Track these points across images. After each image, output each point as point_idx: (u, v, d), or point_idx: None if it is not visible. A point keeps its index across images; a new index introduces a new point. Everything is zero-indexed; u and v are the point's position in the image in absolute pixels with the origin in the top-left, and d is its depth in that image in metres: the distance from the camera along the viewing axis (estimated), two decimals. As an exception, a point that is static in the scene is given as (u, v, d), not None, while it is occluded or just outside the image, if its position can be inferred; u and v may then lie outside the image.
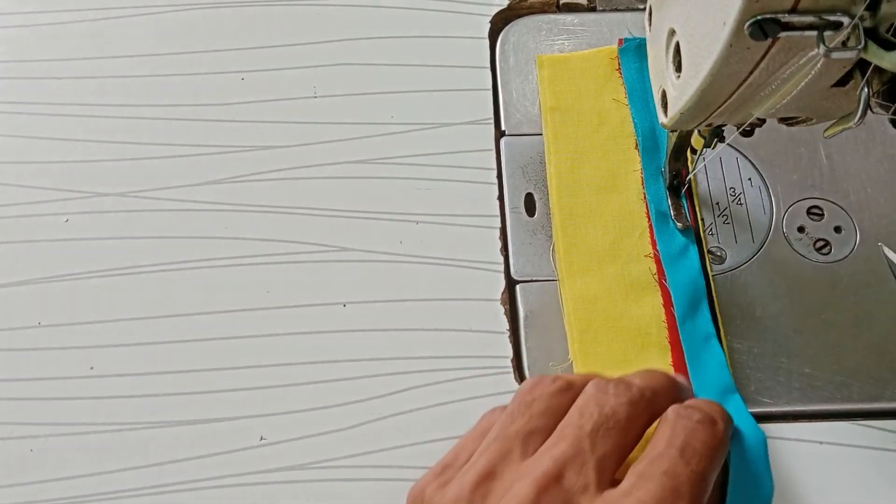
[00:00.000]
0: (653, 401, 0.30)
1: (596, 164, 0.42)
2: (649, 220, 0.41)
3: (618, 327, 0.39)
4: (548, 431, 0.29)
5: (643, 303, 0.39)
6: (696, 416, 0.29)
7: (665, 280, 0.39)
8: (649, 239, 0.41)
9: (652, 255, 0.40)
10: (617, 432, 0.28)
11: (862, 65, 0.25)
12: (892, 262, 0.40)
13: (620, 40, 0.45)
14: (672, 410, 0.30)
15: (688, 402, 0.31)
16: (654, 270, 0.40)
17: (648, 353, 0.38)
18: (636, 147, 0.43)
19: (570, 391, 0.30)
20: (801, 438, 0.37)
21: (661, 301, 0.39)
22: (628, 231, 0.41)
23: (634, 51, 0.44)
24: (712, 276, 0.40)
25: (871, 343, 0.39)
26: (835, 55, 0.23)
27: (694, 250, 0.40)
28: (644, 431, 0.30)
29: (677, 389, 0.32)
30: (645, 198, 0.41)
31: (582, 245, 0.41)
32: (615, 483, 0.27)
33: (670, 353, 0.38)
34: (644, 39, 0.43)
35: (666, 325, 0.39)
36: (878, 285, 0.40)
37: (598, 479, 0.27)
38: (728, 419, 0.31)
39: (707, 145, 0.37)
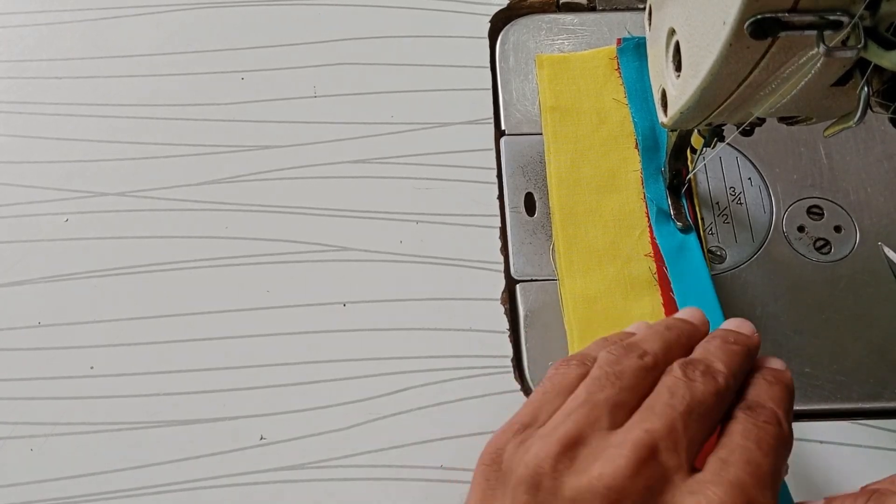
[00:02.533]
0: (734, 390, 0.30)
1: (596, 163, 0.42)
2: (649, 219, 0.41)
3: (617, 327, 0.39)
4: (634, 407, 0.29)
5: (643, 302, 0.39)
6: (762, 416, 0.29)
7: (665, 279, 0.39)
8: (649, 238, 0.41)
9: (651, 254, 0.40)
10: (706, 419, 0.28)
11: (862, 64, 0.25)
12: (892, 261, 0.40)
13: (619, 40, 0.45)
14: (742, 411, 0.29)
15: (762, 399, 0.30)
16: (654, 270, 0.40)
17: None
18: (636, 146, 0.43)
19: (657, 370, 0.30)
20: (801, 438, 0.37)
21: (661, 300, 0.39)
22: (628, 231, 0.41)
23: (633, 50, 0.44)
24: (712, 275, 0.40)
25: (871, 343, 0.39)
26: (835, 54, 0.23)
27: (696, 247, 0.40)
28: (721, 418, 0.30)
29: (750, 363, 0.32)
30: (644, 197, 0.41)
31: (582, 244, 0.41)
32: (695, 469, 0.27)
33: None
34: (642, 38, 0.43)
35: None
36: (877, 285, 0.40)
37: (688, 461, 0.27)
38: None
39: (707, 144, 0.37)
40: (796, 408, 0.37)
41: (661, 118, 0.34)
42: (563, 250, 0.41)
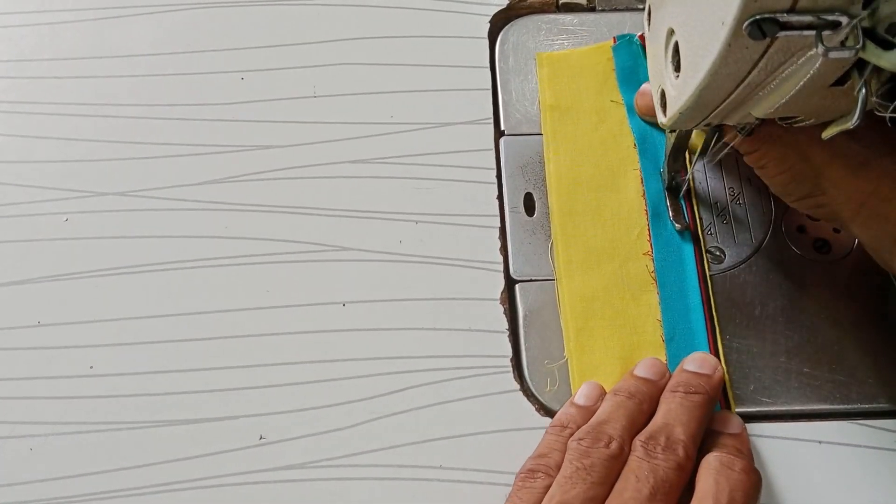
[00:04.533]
0: (694, 452, 0.33)
1: (595, 162, 0.42)
2: (647, 218, 0.41)
3: (614, 325, 0.39)
4: (606, 495, 0.31)
5: (640, 301, 0.39)
6: (737, 466, 0.32)
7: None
8: (647, 237, 0.41)
9: (650, 252, 0.40)
10: (670, 495, 0.31)
11: (860, 64, 0.25)
12: None
13: (614, 39, 0.45)
14: (715, 459, 0.32)
15: (727, 444, 0.33)
16: (652, 269, 0.40)
17: (643, 351, 0.38)
18: (634, 146, 0.43)
19: (623, 455, 0.33)
20: (800, 438, 0.37)
21: (658, 299, 0.39)
22: (627, 229, 0.41)
23: (627, 47, 0.44)
24: (710, 275, 0.40)
25: (870, 343, 0.39)
26: (833, 55, 0.23)
27: (690, 254, 0.40)
28: (687, 482, 0.32)
29: (713, 406, 0.35)
30: (644, 196, 0.41)
31: (580, 243, 0.41)
32: None
33: (664, 351, 0.38)
34: (633, 35, 0.44)
35: (661, 323, 0.39)
36: (877, 285, 0.40)
37: None
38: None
39: (707, 143, 0.37)
40: (796, 407, 0.38)
41: (661, 118, 0.34)
42: (562, 249, 0.41)
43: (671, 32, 0.31)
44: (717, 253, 0.41)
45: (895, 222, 0.32)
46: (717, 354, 0.38)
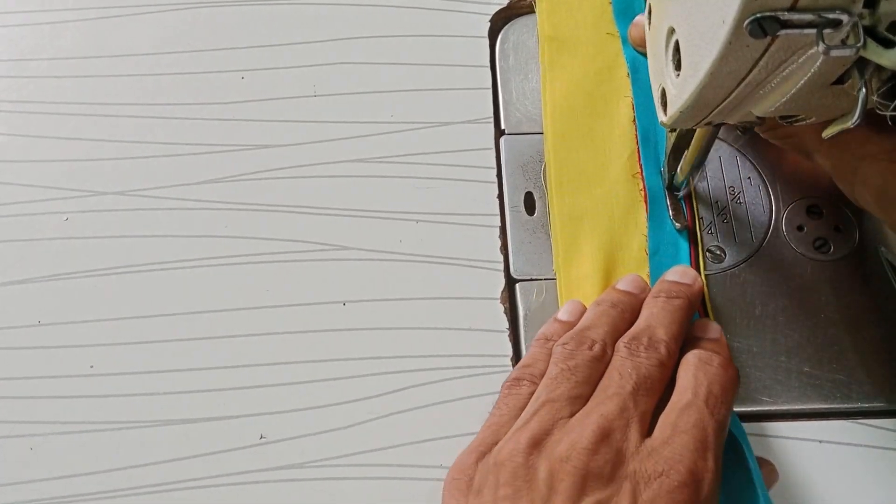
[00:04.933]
0: (676, 351, 0.33)
1: (589, 91, 0.44)
2: (637, 142, 0.42)
3: (601, 241, 0.40)
4: (590, 395, 0.32)
5: (627, 219, 0.41)
6: (715, 362, 0.33)
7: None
8: (637, 160, 0.42)
9: (639, 174, 0.42)
10: (653, 390, 0.32)
11: (861, 63, 0.25)
12: (892, 264, 0.40)
13: None
14: (693, 356, 0.33)
15: (705, 346, 0.34)
16: (641, 188, 0.41)
17: (628, 266, 0.40)
18: (628, 75, 0.44)
19: (607, 356, 0.33)
20: (800, 437, 0.37)
21: (644, 217, 0.41)
22: (618, 153, 0.42)
23: None
24: (706, 274, 0.40)
25: (870, 342, 0.39)
26: (834, 53, 0.23)
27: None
28: (669, 379, 0.33)
29: (693, 312, 0.36)
30: (635, 122, 0.43)
31: (572, 165, 0.42)
32: (651, 432, 0.31)
33: (647, 266, 0.40)
34: None
35: (646, 236, 0.40)
36: (877, 284, 0.40)
37: (640, 432, 0.30)
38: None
39: (710, 141, 0.37)
40: (796, 407, 0.38)
41: (661, 117, 0.34)
42: (554, 171, 0.42)
43: (671, 31, 0.31)
44: (718, 252, 0.41)
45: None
46: (697, 269, 0.40)
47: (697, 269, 0.40)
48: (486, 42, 0.46)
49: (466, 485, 0.32)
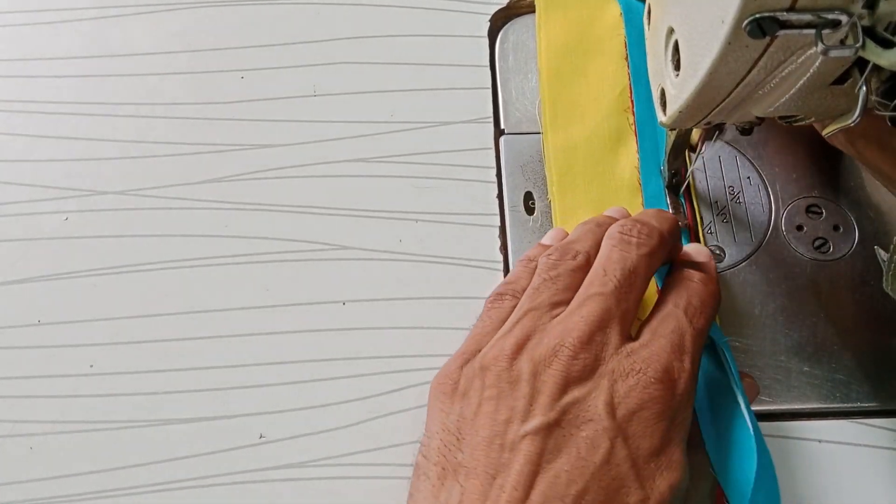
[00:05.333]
0: (666, 246, 0.34)
1: (582, 31, 0.45)
2: (630, 78, 0.44)
3: (595, 171, 0.41)
4: (570, 301, 0.33)
5: (619, 151, 0.42)
6: (696, 278, 0.34)
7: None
8: (629, 95, 0.43)
9: (630, 108, 0.43)
10: (637, 287, 0.32)
11: (860, 63, 0.25)
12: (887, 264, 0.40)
13: None
14: (678, 272, 0.34)
15: (688, 260, 0.35)
16: (632, 121, 0.43)
17: (621, 194, 0.41)
18: (621, 15, 0.45)
19: (589, 265, 0.34)
20: (800, 437, 0.37)
21: (636, 148, 0.42)
22: (611, 87, 0.44)
23: None
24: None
25: (870, 342, 0.39)
26: (833, 53, 0.23)
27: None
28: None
29: (678, 237, 0.36)
30: (627, 59, 0.44)
31: (566, 99, 0.43)
32: (630, 336, 0.32)
33: (640, 194, 0.41)
34: None
35: (638, 169, 0.41)
36: (876, 284, 0.40)
37: (620, 333, 0.31)
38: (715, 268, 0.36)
39: (708, 138, 0.37)
40: (795, 406, 0.38)
41: (661, 117, 0.34)
42: (549, 105, 0.43)
43: (671, 31, 0.31)
44: (717, 252, 0.41)
45: None
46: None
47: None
48: (486, 42, 0.46)
49: (451, 388, 0.32)
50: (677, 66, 0.30)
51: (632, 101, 0.43)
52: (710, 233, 0.41)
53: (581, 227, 0.37)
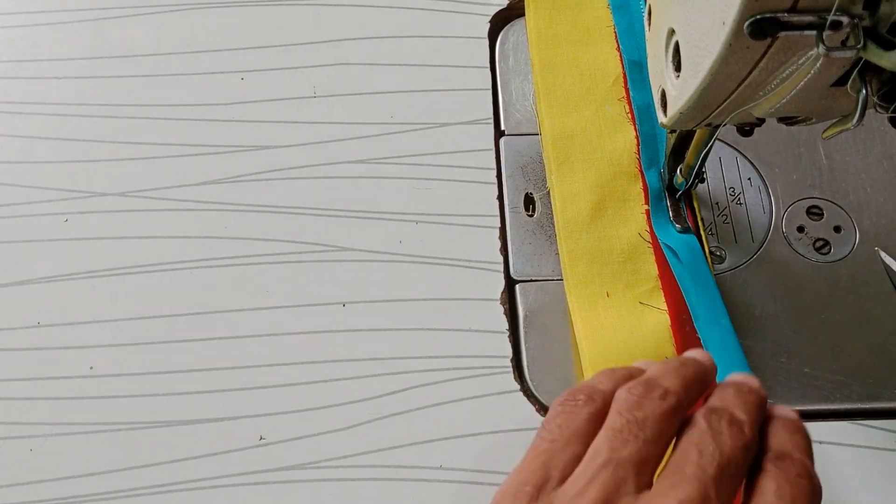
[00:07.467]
0: (757, 439, 0.28)
1: (572, 20, 0.46)
2: (623, 67, 0.44)
3: (592, 159, 0.42)
4: (659, 459, 0.27)
5: (616, 138, 0.42)
6: (794, 470, 0.27)
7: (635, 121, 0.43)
8: (622, 84, 0.44)
9: (625, 98, 0.43)
10: (736, 477, 0.27)
11: (861, 64, 0.25)
12: (891, 267, 0.40)
13: None
14: (775, 458, 0.28)
15: (787, 449, 0.28)
16: (627, 110, 0.43)
17: (619, 180, 0.41)
18: (608, 6, 0.46)
19: (681, 412, 0.28)
20: (800, 438, 0.37)
21: (633, 135, 0.42)
22: (603, 78, 0.44)
23: None
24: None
25: (870, 343, 0.39)
26: (834, 54, 0.23)
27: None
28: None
29: (764, 414, 0.30)
30: (619, 49, 0.44)
31: (560, 90, 0.44)
32: None
33: (640, 180, 0.41)
34: None
35: (636, 156, 0.42)
36: (877, 285, 0.40)
37: None
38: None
39: (707, 141, 0.37)
40: (796, 407, 0.37)
41: (661, 118, 0.34)
42: (544, 96, 0.44)
43: (671, 32, 0.31)
44: (718, 253, 0.41)
45: None
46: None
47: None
48: (486, 43, 0.46)
49: None
50: (678, 68, 0.30)
51: (626, 91, 0.43)
52: (711, 234, 0.41)
53: (661, 364, 0.31)
